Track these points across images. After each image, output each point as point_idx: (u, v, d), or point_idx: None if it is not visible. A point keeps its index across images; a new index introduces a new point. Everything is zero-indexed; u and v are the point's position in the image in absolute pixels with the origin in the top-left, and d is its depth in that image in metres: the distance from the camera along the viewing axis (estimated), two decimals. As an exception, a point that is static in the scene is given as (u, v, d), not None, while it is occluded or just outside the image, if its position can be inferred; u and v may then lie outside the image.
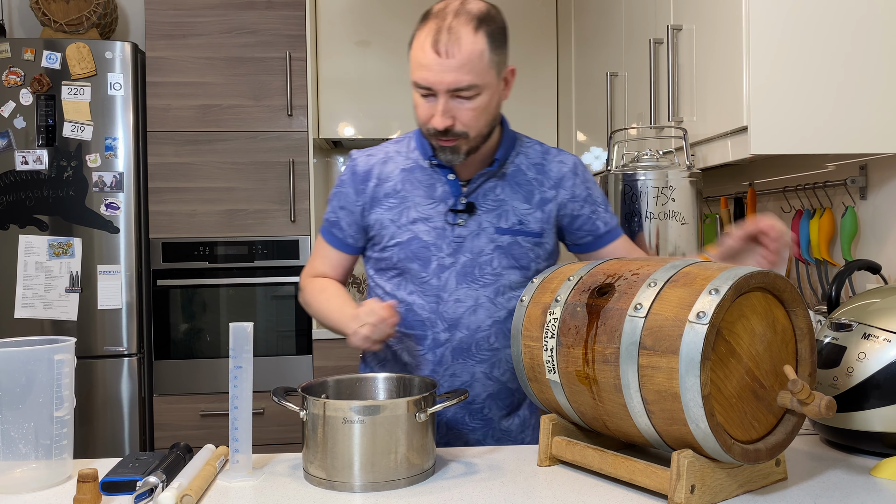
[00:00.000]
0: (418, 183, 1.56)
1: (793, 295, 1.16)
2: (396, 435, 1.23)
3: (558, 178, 1.59)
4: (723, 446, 1.07)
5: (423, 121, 1.47)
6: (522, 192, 1.57)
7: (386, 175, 1.58)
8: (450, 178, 1.55)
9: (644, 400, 1.12)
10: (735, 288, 1.09)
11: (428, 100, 1.45)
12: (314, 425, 1.25)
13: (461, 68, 1.40)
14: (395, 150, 1.61)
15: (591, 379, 1.19)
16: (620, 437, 1.25)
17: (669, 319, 1.10)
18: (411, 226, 1.55)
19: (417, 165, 1.57)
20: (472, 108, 1.44)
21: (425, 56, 1.41)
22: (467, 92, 1.42)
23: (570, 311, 1.25)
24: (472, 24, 1.42)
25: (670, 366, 1.08)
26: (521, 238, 1.55)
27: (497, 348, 1.56)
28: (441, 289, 1.54)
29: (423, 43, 1.42)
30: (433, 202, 1.55)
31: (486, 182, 1.56)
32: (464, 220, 1.54)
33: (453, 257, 1.54)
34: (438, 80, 1.41)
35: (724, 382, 1.10)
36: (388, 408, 1.23)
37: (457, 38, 1.40)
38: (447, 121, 1.43)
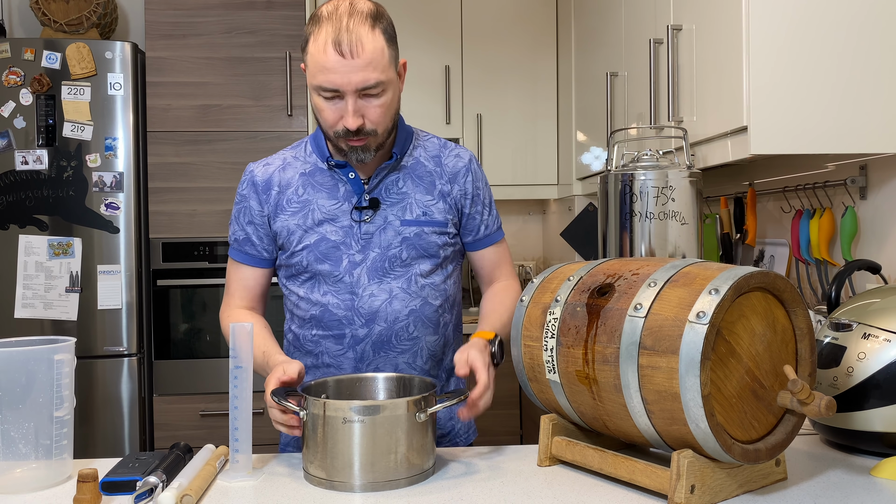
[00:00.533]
0: (319, 185, 1.57)
1: (793, 295, 1.16)
2: (396, 435, 1.23)
3: (453, 172, 1.62)
4: (723, 446, 1.07)
5: (331, 123, 1.47)
6: (424, 183, 1.59)
7: (286, 181, 1.58)
8: (350, 177, 1.56)
9: (644, 400, 1.12)
10: (735, 288, 1.09)
11: (334, 102, 1.45)
12: (314, 425, 1.25)
13: (367, 67, 1.41)
14: (291, 156, 1.62)
15: (591, 379, 1.19)
16: (620, 437, 1.25)
17: (669, 319, 1.10)
18: (318, 227, 1.55)
19: (317, 168, 1.59)
20: (379, 106, 1.46)
21: (328, 59, 1.40)
22: (375, 90, 1.43)
23: (570, 311, 1.25)
24: (368, 23, 1.42)
25: (670, 366, 1.08)
26: (427, 228, 1.57)
27: (417, 337, 1.58)
28: (354, 285, 1.55)
29: (323, 46, 1.41)
30: (337, 202, 1.56)
31: (388, 176, 1.58)
32: (369, 216, 1.55)
33: (363, 253, 1.55)
34: (346, 82, 1.41)
35: (724, 382, 1.10)
36: (388, 408, 1.23)
37: (358, 38, 1.40)
38: (358, 120, 1.44)
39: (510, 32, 3.61)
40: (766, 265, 2.35)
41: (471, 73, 3.59)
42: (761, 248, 2.39)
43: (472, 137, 3.59)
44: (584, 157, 3.18)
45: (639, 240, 1.95)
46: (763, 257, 2.38)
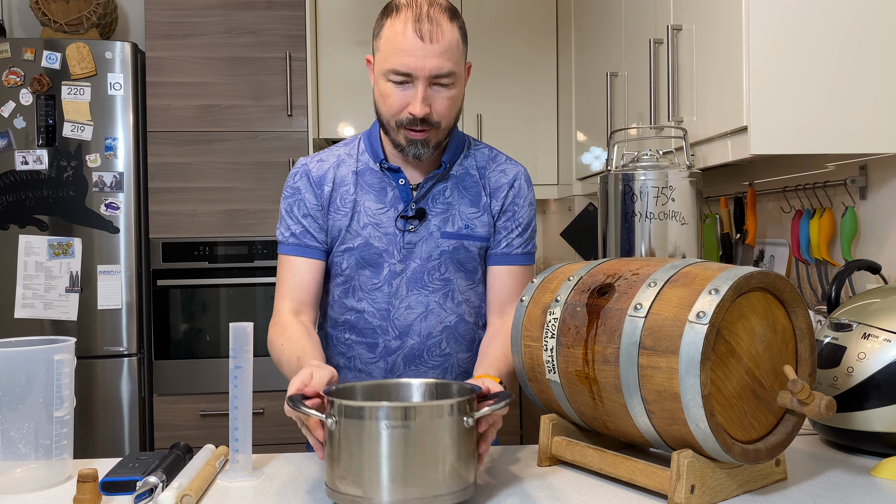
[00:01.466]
0: (368, 187, 1.54)
1: (793, 295, 1.16)
2: (444, 442, 1.08)
3: (495, 187, 1.57)
4: (723, 446, 1.07)
5: (396, 110, 1.43)
6: (469, 195, 1.55)
7: (340, 179, 1.54)
8: (401, 183, 1.52)
9: (644, 400, 1.12)
10: (735, 288, 1.09)
11: (403, 87, 1.42)
12: (346, 433, 1.09)
13: (443, 54, 1.39)
14: (346, 153, 1.57)
15: (591, 379, 1.19)
16: (620, 437, 1.25)
17: (669, 319, 1.10)
18: (363, 231, 1.52)
19: (367, 168, 1.55)
20: (447, 98, 1.43)
21: (406, 41, 1.38)
22: (447, 79, 1.41)
23: (570, 311, 1.25)
24: (447, 14, 1.42)
25: (670, 366, 1.08)
26: (467, 242, 1.54)
27: (448, 353, 1.55)
28: (392, 295, 1.52)
29: (403, 29, 1.39)
30: (384, 207, 1.53)
31: (436, 185, 1.54)
32: (414, 226, 1.52)
33: (404, 263, 1.52)
34: (421, 66, 1.39)
35: (724, 382, 1.10)
36: (433, 410, 1.09)
37: (438, 24, 1.39)
38: (426, 108, 1.41)
39: (510, 32, 3.61)
40: (766, 265, 2.35)
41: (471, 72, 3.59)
42: (761, 248, 2.39)
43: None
44: (584, 157, 3.18)
45: (639, 240, 1.95)
46: (763, 257, 2.38)
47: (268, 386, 3.21)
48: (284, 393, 3.42)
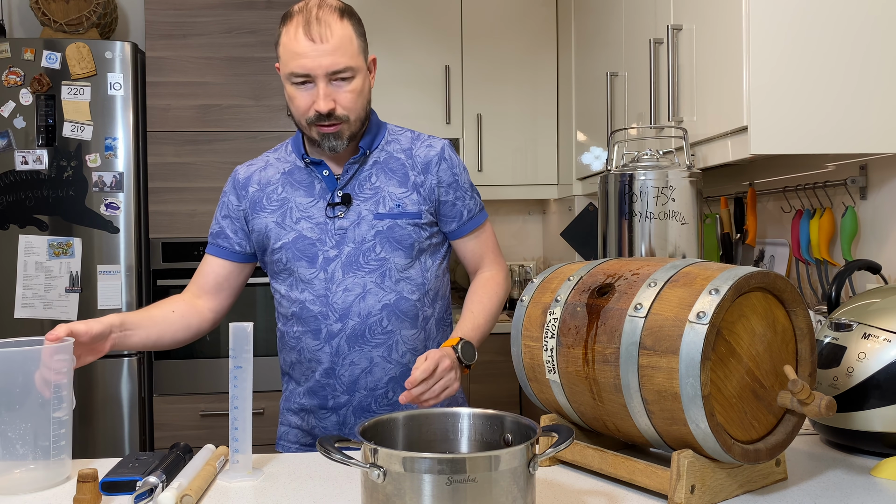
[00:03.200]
0: (297, 184, 1.62)
1: (793, 295, 1.16)
2: (513, 494, 0.94)
3: (425, 162, 1.63)
4: (723, 446, 1.07)
5: (303, 110, 1.52)
6: (397, 176, 1.62)
7: (266, 180, 1.64)
8: (325, 174, 1.60)
9: (644, 400, 1.12)
10: (735, 288, 1.09)
11: (305, 88, 1.51)
12: (400, 490, 0.93)
13: (336, 51, 1.48)
14: (274, 157, 1.68)
15: (591, 379, 1.19)
16: (621, 438, 1.25)
17: (669, 319, 1.10)
18: (295, 225, 1.59)
19: (295, 167, 1.64)
20: (350, 91, 1.51)
21: (299, 45, 1.48)
22: (344, 73, 1.50)
23: (570, 311, 1.25)
24: (336, 14, 1.52)
25: (670, 366, 1.07)
26: (400, 220, 1.59)
27: (391, 331, 1.59)
28: (329, 281, 1.58)
29: (295, 35, 1.49)
30: (313, 199, 1.60)
31: (360, 172, 1.61)
32: (342, 212, 1.59)
33: (337, 248, 1.58)
34: (317, 65, 1.48)
35: (724, 382, 1.10)
36: (505, 459, 0.93)
37: (327, 25, 1.49)
38: (330, 103, 1.49)
39: (510, 32, 3.61)
40: (766, 265, 2.35)
41: (471, 73, 3.59)
42: (761, 248, 2.39)
43: (472, 137, 3.59)
44: (584, 157, 3.18)
45: (639, 240, 1.95)
46: (763, 257, 2.38)
47: (268, 386, 3.21)
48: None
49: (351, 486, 1.24)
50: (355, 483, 1.25)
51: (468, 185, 1.68)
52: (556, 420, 1.33)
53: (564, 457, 1.30)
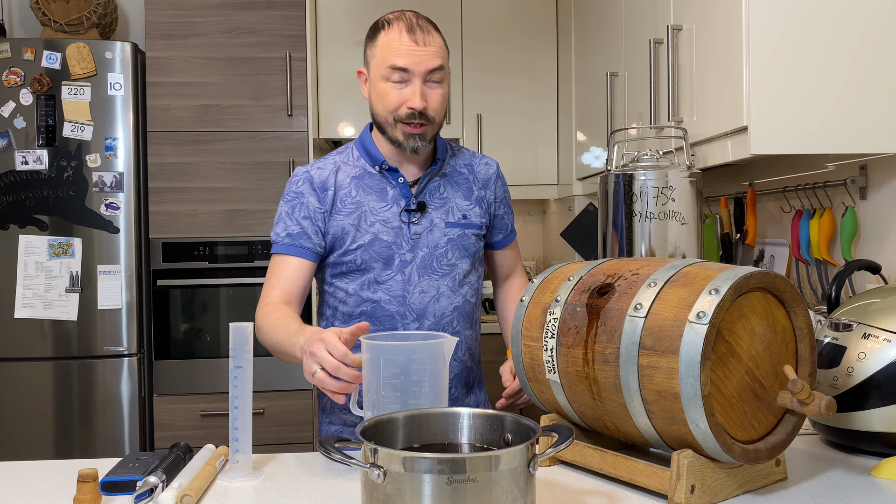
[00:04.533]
0: (370, 188, 1.67)
1: (793, 295, 1.16)
2: (513, 494, 0.94)
3: (485, 179, 1.77)
4: (723, 446, 1.07)
5: (394, 107, 1.58)
6: (462, 189, 1.73)
7: (339, 183, 1.67)
8: (399, 182, 1.66)
9: (644, 400, 1.12)
10: (735, 288, 1.09)
11: (400, 86, 1.58)
12: (400, 490, 0.92)
13: (435, 54, 1.58)
14: (341, 161, 1.70)
15: (591, 379, 1.19)
16: (621, 438, 1.25)
17: (669, 319, 1.10)
18: (371, 228, 1.64)
19: (365, 172, 1.68)
20: (440, 94, 1.60)
21: (402, 44, 1.56)
22: (438, 74, 1.58)
23: (570, 311, 1.25)
24: (431, 25, 1.62)
25: (670, 366, 1.07)
26: (467, 230, 1.70)
27: (458, 331, 1.70)
28: (406, 283, 1.65)
29: (399, 35, 1.57)
30: (387, 204, 1.66)
31: (431, 182, 1.69)
32: (417, 218, 1.66)
33: (413, 252, 1.65)
34: (417, 62, 1.55)
35: (724, 382, 1.10)
36: (505, 459, 0.93)
37: (428, 31, 1.59)
38: (423, 101, 1.57)
39: (510, 32, 3.61)
40: (766, 265, 2.35)
41: (471, 73, 3.59)
42: (761, 248, 2.39)
43: (472, 137, 3.59)
44: (584, 157, 3.18)
45: (639, 240, 1.95)
46: (763, 257, 2.38)
47: (268, 386, 3.21)
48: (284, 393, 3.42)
49: (351, 486, 1.24)
50: (355, 483, 1.26)
51: (509, 204, 1.86)
52: (556, 420, 1.33)
53: (564, 457, 1.30)
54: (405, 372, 1.26)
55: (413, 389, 1.26)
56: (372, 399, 1.28)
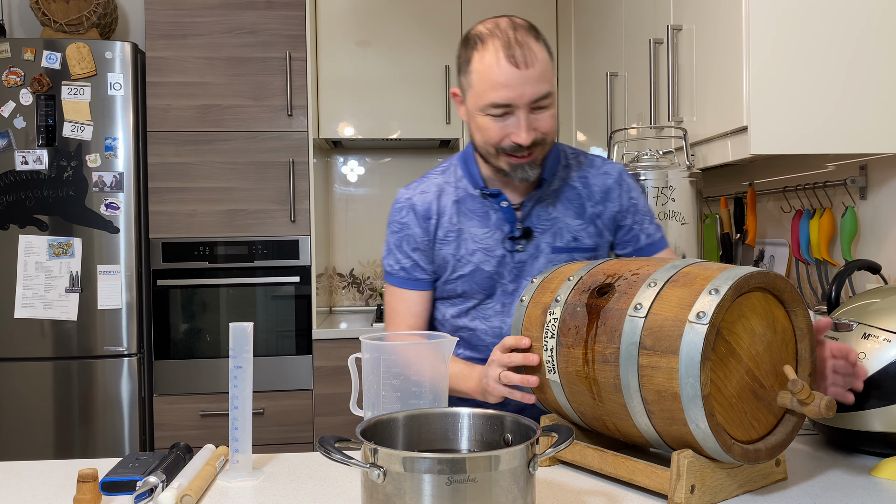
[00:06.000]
0: (470, 213, 1.54)
1: (793, 295, 1.16)
2: (513, 494, 0.94)
3: (604, 191, 1.56)
4: (723, 446, 1.07)
5: (497, 140, 1.41)
6: (573, 207, 1.55)
7: (441, 209, 1.55)
8: (503, 206, 1.52)
9: (644, 400, 1.12)
10: (735, 288, 1.09)
11: (503, 119, 1.39)
12: (400, 490, 0.92)
13: (540, 78, 1.37)
14: (443, 182, 1.57)
15: (590, 379, 1.19)
16: (620, 438, 1.25)
17: (669, 319, 1.10)
18: (471, 257, 1.53)
19: (468, 195, 1.55)
20: (549, 116, 1.41)
21: (502, 73, 1.35)
22: (546, 101, 1.39)
23: (570, 311, 1.25)
24: (532, 34, 1.39)
25: (670, 366, 1.07)
26: (577, 254, 1.55)
27: None
28: (505, 314, 1.55)
29: (495, 60, 1.36)
30: (489, 230, 1.53)
31: (538, 203, 1.54)
32: (522, 245, 1.53)
33: (515, 283, 1.54)
34: (520, 94, 1.36)
35: (724, 382, 1.10)
36: (505, 459, 0.93)
37: (529, 48, 1.36)
38: (532, 134, 1.39)
39: (510, 32, 3.60)
40: (766, 265, 2.35)
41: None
42: (761, 248, 2.39)
43: (472, 137, 3.59)
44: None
45: (639, 240, 1.94)
46: (763, 257, 2.38)
47: (268, 386, 3.21)
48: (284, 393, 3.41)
49: (351, 486, 1.24)
50: (355, 483, 1.26)
51: (646, 209, 1.61)
52: (556, 420, 1.33)
53: (564, 457, 1.30)
54: (405, 372, 1.26)
55: (413, 389, 1.26)
56: (372, 399, 1.28)
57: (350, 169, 3.89)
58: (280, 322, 3.24)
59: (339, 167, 3.89)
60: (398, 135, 3.52)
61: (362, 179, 3.90)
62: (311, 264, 3.25)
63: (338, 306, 3.89)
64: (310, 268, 3.25)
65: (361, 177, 3.90)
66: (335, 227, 3.89)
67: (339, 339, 3.22)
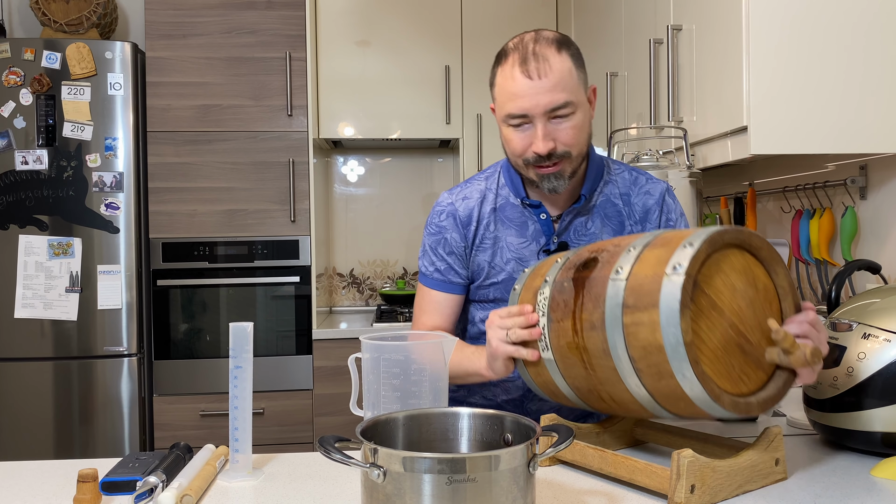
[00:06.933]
0: (509, 221, 1.55)
1: (770, 253, 1.19)
2: (513, 494, 0.94)
3: (643, 211, 1.55)
4: (711, 395, 1.08)
5: (520, 152, 1.44)
6: (612, 224, 1.55)
7: (482, 216, 1.57)
8: (542, 218, 1.53)
9: (631, 359, 1.13)
10: (709, 241, 1.11)
11: (523, 129, 1.43)
12: (399, 490, 0.92)
13: (555, 87, 1.39)
14: (486, 188, 1.59)
15: (581, 348, 1.21)
16: (617, 410, 1.25)
17: (649, 277, 1.12)
18: (506, 266, 1.55)
19: (508, 203, 1.56)
20: (571, 127, 1.42)
21: (516, 84, 1.40)
22: (564, 110, 1.40)
23: (558, 287, 1.27)
24: (554, 46, 1.41)
25: (652, 319, 1.09)
26: None
27: None
28: None
29: (511, 73, 1.41)
30: (525, 241, 1.54)
31: (577, 218, 1.54)
32: None
33: None
34: (534, 105, 1.39)
35: (708, 335, 1.11)
36: (505, 459, 0.93)
37: (545, 59, 1.39)
38: (549, 143, 1.40)
39: (510, 32, 3.61)
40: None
41: (471, 73, 3.59)
42: (761, 248, 2.39)
43: (472, 137, 3.59)
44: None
45: (639, 240, 1.95)
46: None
47: (268, 386, 3.21)
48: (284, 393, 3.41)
49: (351, 486, 1.24)
50: (355, 483, 1.26)
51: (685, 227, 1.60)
52: (555, 420, 1.33)
53: (564, 457, 1.30)
54: (405, 372, 1.26)
55: (413, 389, 1.26)
56: (372, 399, 1.28)
57: (350, 169, 3.89)
58: (280, 322, 3.24)
59: (339, 167, 3.89)
60: (398, 135, 3.52)
61: (362, 179, 3.90)
62: (311, 264, 3.25)
63: (338, 306, 3.89)
64: (310, 268, 3.25)
65: (361, 177, 3.90)
66: (335, 227, 3.89)
67: (339, 339, 3.22)
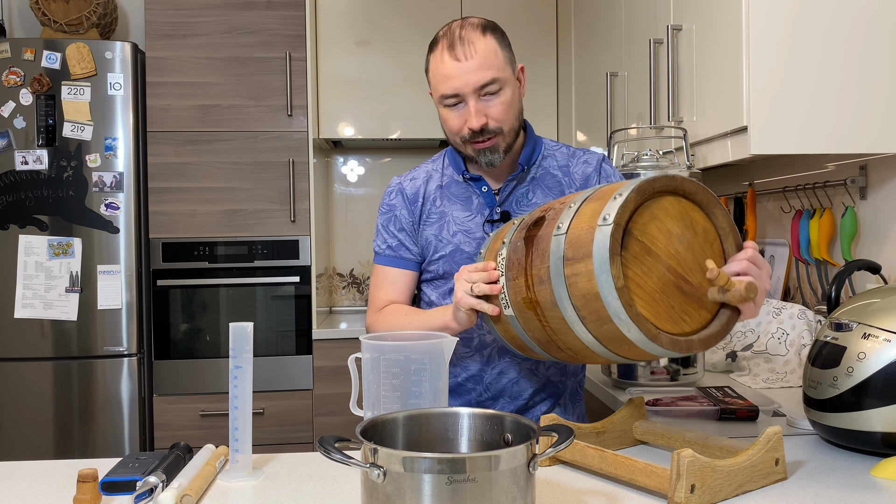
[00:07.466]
0: (454, 197, 1.63)
1: (706, 196, 1.22)
2: (513, 494, 0.94)
3: (583, 178, 1.63)
4: (647, 335, 1.12)
5: (456, 129, 1.53)
6: (553, 194, 1.62)
7: (428, 194, 1.65)
8: (484, 190, 1.61)
9: (575, 308, 1.18)
10: (638, 191, 1.15)
11: (457, 108, 1.52)
12: (399, 490, 0.92)
13: (481, 66, 1.48)
14: (432, 169, 1.68)
15: (534, 302, 1.26)
16: (575, 358, 1.30)
17: (584, 230, 1.17)
18: (453, 238, 1.61)
19: (452, 181, 1.65)
20: (500, 103, 1.51)
21: (445, 66, 1.50)
22: (492, 86, 1.49)
23: (513, 247, 1.33)
24: (479, 30, 1.52)
25: (588, 268, 1.14)
26: None
27: None
28: None
29: (440, 58, 1.51)
30: (470, 214, 1.61)
31: (517, 188, 1.61)
32: None
33: None
34: (464, 83, 1.48)
35: (644, 279, 1.15)
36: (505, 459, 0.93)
37: (471, 42, 1.50)
38: (481, 119, 1.50)
39: (510, 32, 3.59)
40: (766, 265, 2.35)
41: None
42: (761, 248, 2.39)
43: (472, 137, 3.59)
44: (584, 157, 3.17)
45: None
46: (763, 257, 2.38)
47: (268, 386, 3.21)
48: (284, 393, 3.41)
49: (351, 486, 1.24)
50: (355, 483, 1.26)
51: None
52: (555, 420, 1.33)
53: (564, 457, 1.30)
54: (405, 372, 1.26)
55: (413, 389, 1.26)
56: (372, 399, 1.28)
57: (350, 169, 3.90)
58: (280, 322, 3.24)
59: (338, 167, 3.89)
60: (398, 135, 3.52)
61: (362, 179, 3.91)
62: (310, 264, 3.25)
63: (338, 306, 3.89)
64: (310, 268, 3.25)
65: (361, 177, 3.90)
66: (335, 227, 3.89)
67: (339, 339, 3.22)
